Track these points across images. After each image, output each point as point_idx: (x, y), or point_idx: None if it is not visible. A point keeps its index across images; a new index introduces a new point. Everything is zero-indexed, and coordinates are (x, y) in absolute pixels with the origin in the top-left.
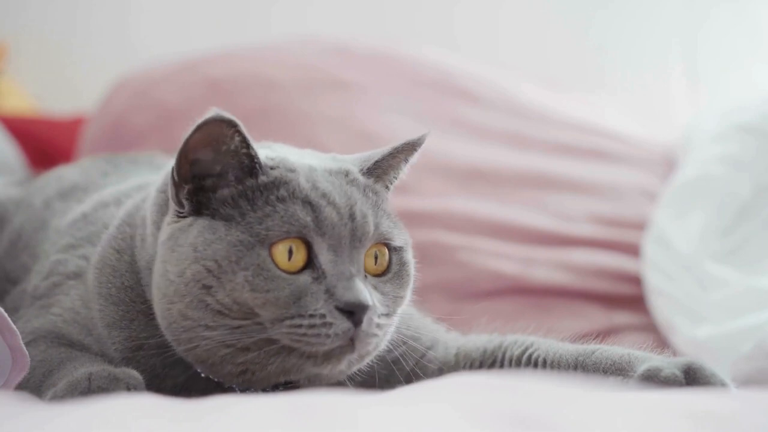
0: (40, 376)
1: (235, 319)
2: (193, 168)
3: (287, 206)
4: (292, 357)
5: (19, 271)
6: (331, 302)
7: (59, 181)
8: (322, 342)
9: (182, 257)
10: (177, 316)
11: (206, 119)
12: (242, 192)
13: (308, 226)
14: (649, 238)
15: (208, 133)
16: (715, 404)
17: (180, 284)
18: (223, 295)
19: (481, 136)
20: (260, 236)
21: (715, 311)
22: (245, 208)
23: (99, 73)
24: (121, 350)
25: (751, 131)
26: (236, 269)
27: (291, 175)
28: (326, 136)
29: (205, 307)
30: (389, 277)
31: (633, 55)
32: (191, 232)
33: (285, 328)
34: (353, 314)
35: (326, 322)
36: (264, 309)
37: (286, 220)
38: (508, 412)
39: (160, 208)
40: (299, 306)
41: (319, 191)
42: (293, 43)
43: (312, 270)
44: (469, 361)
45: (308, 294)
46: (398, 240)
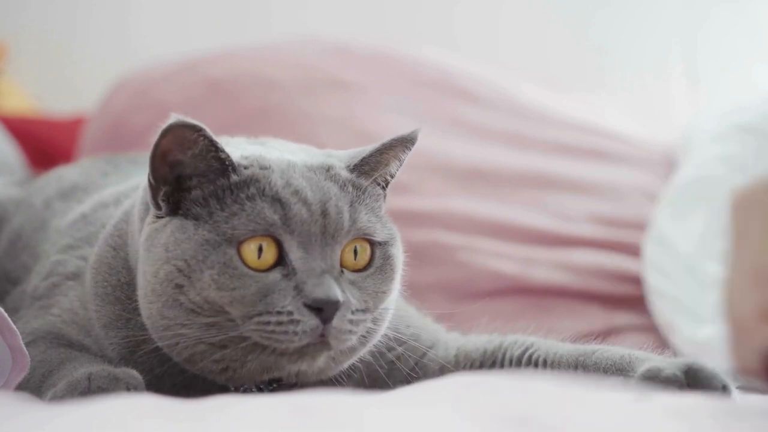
0: (40, 377)
1: (208, 316)
2: (173, 169)
3: (255, 204)
4: (266, 354)
5: (19, 272)
6: (300, 299)
7: (59, 182)
8: (290, 339)
9: (156, 257)
10: (156, 316)
11: (168, 125)
12: (213, 192)
13: (276, 224)
14: (650, 239)
15: (174, 136)
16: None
17: (155, 284)
18: (194, 293)
19: (481, 136)
20: (226, 235)
21: (715, 312)
22: (214, 207)
23: (99, 73)
24: (118, 350)
25: (751, 131)
26: (203, 268)
27: (263, 173)
28: (326, 136)
29: (179, 306)
30: (371, 272)
31: (633, 55)
32: (165, 231)
33: (253, 326)
34: (322, 311)
35: (293, 319)
36: (232, 307)
37: (253, 218)
38: (508, 412)
39: (145, 207)
40: (266, 303)
41: (291, 188)
42: (293, 43)
43: (282, 267)
44: (469, 361)
45: (276, 291)
46: (380, 235)
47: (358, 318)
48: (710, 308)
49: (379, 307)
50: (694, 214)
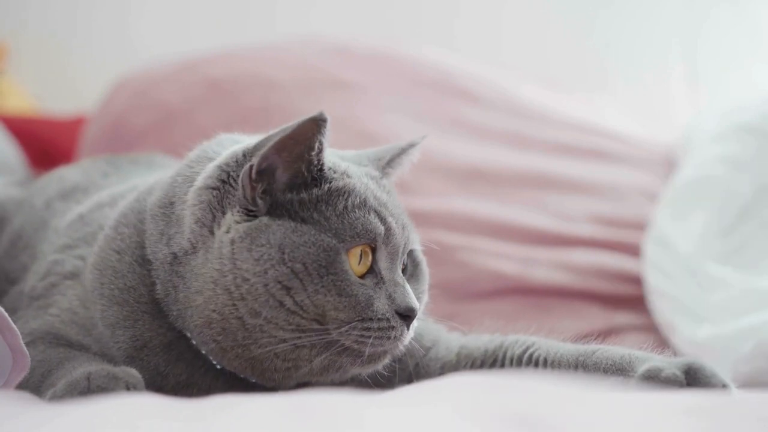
0: (40, 377)
1: (305, 319)
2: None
3: (364, 214)
4: (344, 356)
5: (18, 272)
6: (393, 307)
7: (60, 182)
8: (382, 344)
9: (265, 257)
10: (244, 313)
11: (313, 116)
12: (320, 196)
13: (381, 235)
14: (650, 239)
15: (310, 129)
16: (713, 403)
17: (258, 283)
18: (304, 296)
19: (481, 136)
20: (346, 242)
21: (715, 311)
22: (328, 212)
23: (99, 73)
24: (125, 349)
25: (751, 131)
26: (324, 273)
27: (353, 182)
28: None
29: (280, 306)
30: (407, 277)
31: (633, 55)
32: (274, 232)
33: (355, 331)
34: (407, 318)
35: (391, 326)
36: (342, 312)
37: (367, 227)
38: (509, 411)
39: (209, 205)
40: (372, 310)
41: (380, 200)
42: (293, 43)
43: (372, 276)
44: (470, 360)
45: (376, 299)
46: (417, 243)
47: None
48: (710, 308)
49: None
50: (694, 214)
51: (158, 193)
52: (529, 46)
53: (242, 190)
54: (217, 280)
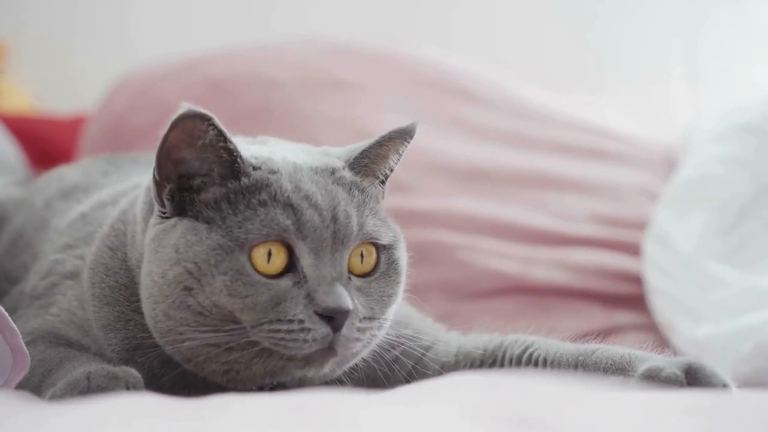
0: (39, 376)
1: (216, 320)
2: (178, 167)
3: (268, 210)
4: (274, 359)
5: (19, 271)
6: (311, 307)
7: (60, 181)
8: (300, 347)
9: (165, 258)
10: (161, 316)
11: (178, 115)
12: (225, 195)
13: (289, 230)
14: (650, 238)
15: (183, 128)
16: (714, 403)
17: (163, 285)
18: (203, 297)
19: (481, 136)
20: (239, 240)
21: (715, 311)
22: (227, 211)
23: (99, 73)
24: (118, 351)
25: (751, 131)
26: (215, 273)
27: (273, 177)
28: (327, 135)
29: (187, 308)
30: (376, 276)
31: (633, 55)
32: (174, 232)
33: (264, 332)
34: (333, 319)
35: (305, 328)
36: (243, 314)
37: (266, 224)
38: (508, 411)
39: (149, 206)
40: (278, 311)
41: (302, 193)
42: (294, 43)
43: (293, 274)
44: (469, 360)
45: (287, 299)
46: (385, 238)
47: (365, 326)
48: (710, 307)
49: (385, 313)
50: (694, 213)
51: (144, 186)
52: (529, 46)
53: (152, 191)
54: (144, 283)
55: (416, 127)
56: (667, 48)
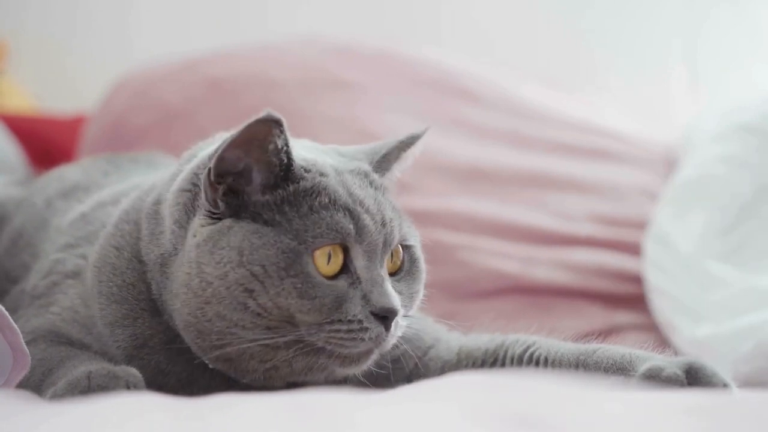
0: (40, 375)
1: (273, 321)
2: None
3: (331, 213)
4: (322, 357)
5: (19, 271)
6: (368, 308)
7: (60, 181)
8: (356, 345)
9: (225, 260)
10: (213, 316)
11: (259, 117)
12: (285, 197)
13: (351, 234)
14: (650, 238)
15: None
16: (714, 403)
17: (220, 286)
18: (266, 299)
19: (481, 136)
20: (307, 243)
21: (715, 311)
22: (291, 214)
23: (99, 73)
24: (124, 348)
25: (751, 131)
26: (284, 276)
27: (326, 181)
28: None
29: (245, 309)
30: (402, 275)
31: (633, 55)
32: (234, 235)
33: (324, 333)
34: (386, 319)
35: (363, 327)
36: (307, 315)
37: (332, 227)
38: (509, 411)
39: (184, 207)
40: (341, 312)
41: (355, 198)
42: (294, 43)
43: (347, 275)
44: (471, 360)
45: (347, 300)
46: (412, 239)
47: (404, 323)
48: (710, 307)
49: (413, 309)
50: (694, 213)
51: (155, 192)
52: (529, 46)
53: (204, 193)
54: (188, 284)
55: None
56: (667, 48)
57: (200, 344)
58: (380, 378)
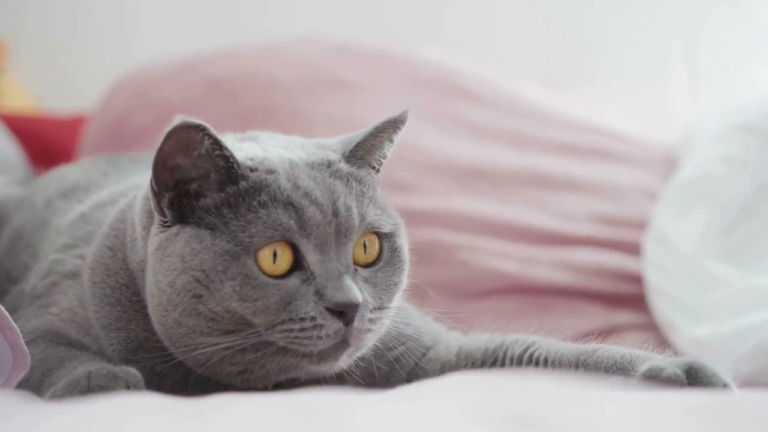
0: (40, 375)
1: (229, 324)
2: (174, 175)
3: (269, 211)
4: (289, 357)
5: (19, 270)
6: (321, 304)
7: (60, 181)
8: (314, 344)
9: (171, 267)
10: (172, 324)
11: (173, 126)
12: (225, 199)
13: (292, 229)
14: (650, 238)
15: (178, 139)
16: (714, 403)
17: (172, 294)
18: (214, 303)
19: (481, 136)
20: (244, 244)
21: (715, 310)
22: (228, 216)
23: (100, 72)
24: (119, 351)
25: (751, 131)
26: (223, 279)
27: (271, 177)
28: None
29: (198, 315)
30: (381, 265)
31: (633, 54)
32: (178, 241)
33: (278, 333)
34: (344, 314)
35: (317, 324)
36: (255, 317)
37: (269, 225)
38: (509, 411)
39: (148, 214)
40: (289, 311)
41: (301, 190)
42: (294, 43)
43: (300, 272)
44: (470, 360)
45: (298, 297)
46: (386, 226)
47: (375, 316)
48: (710, 307)
49: (393, 301)
50: (694, 213)
51: (141, 195)
52: (528, 46)
53: (153, 201)
54: (151, 292)
55: (408, 114)
56: (667, 48)
57: (174, 350)
58: (380, 378)
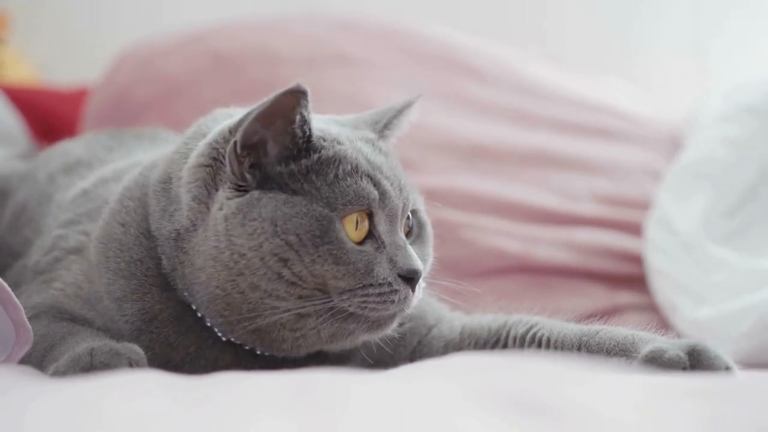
0: (42, 351)
1: (307, 290)
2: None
3: (356, 180)
4: (350, 323)
5: (21, 246)
6: (395, 270)
7: (64, 156)
8: (387, 308)
9: (258, 231)
10: (245, 288)
11: (289, 89)
12: (310, 167)
13: (376, 200)
14: (652, 219)
15: (290, 102)
16: (716, 385)
17: (254, 257)
18: (301, 267)
19: (486, 114)
20: (338, 210)
21: (717, 293)
22: (319, 182)
23: (103, 44)
24: (132, 322)
25: (755, 113)
26: (319, 243)
27: (344, 149)
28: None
29: (279, 279)
30: (413, 239)
31: (641, 33)
32: (265, 206)
33: (357, 298)
34: (411, 280)
35: (393, 290)
36: (341, 281)
37: (359, 194)
38: (511, 394)
39: (204, 183)
40: (371, 276)
41: (374, 165)
42: (300, 17)
43: (372, 240)
44: (473, 339)
45: (376, 264)
46: (419, 203)
47: (424, 285)
48: (711, 289)
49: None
50: (696, 195)
51: (159, 168)
52: (535, 25)
53: (230, 166)
54: (216, 257)
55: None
56: (676, 26)
57: (228, 317)
58: (384, 357)
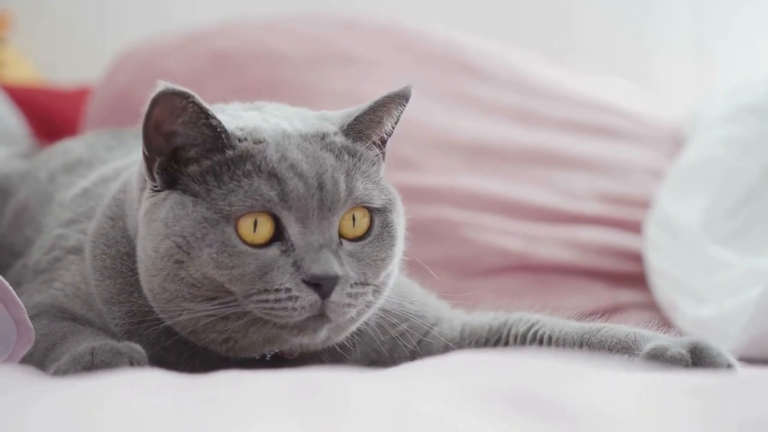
0: (43, 350)
1: (209, 291)
2: (170, 141)
3: (252, 181)
4: (268, 327)
5: (22, 245)
6: (298, 275)
7: (64, 155)
8: (289, 315)
9: (156, 232)
10: (158, 289)
11: (158, 93)
12: (210, 167)
13: (273, 200)
14: (652, 219)
15: (164, 105)
16: (717, 383)
17: (156, 258)
18: (194, 270)
19: (487, 112)
20: (224, 212)
21: (718, 292)
22: (211, 184)
23: (104, 44)
24: (121, 325)
25: (756, 112)
26: (202, 246)
27: (258, 148)
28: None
29: (180, 280)
30: (370, 240)
31: (645, 33)
32: (164, 206)
33: (253, 303)
34: (320, 286)
35: (292, 296)
36: (232, 285)
37: (250, 195)
38: (511, 392)
39: (143, 179)
40: (265, 281)
41: (287, 162)
42: (301, 17)
43: (281, 242)
44: (474, 338)
45: (274, 268)
46: (378, 201)
47: (356, 291)
48: (712, 289)
49: (380, 277)
50: (697, 195)
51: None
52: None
53: (143, 166)
54: (140, 257)
55: (411, 89)
56: (678, 24)
57: (163, 316)
58: (384, 354)
